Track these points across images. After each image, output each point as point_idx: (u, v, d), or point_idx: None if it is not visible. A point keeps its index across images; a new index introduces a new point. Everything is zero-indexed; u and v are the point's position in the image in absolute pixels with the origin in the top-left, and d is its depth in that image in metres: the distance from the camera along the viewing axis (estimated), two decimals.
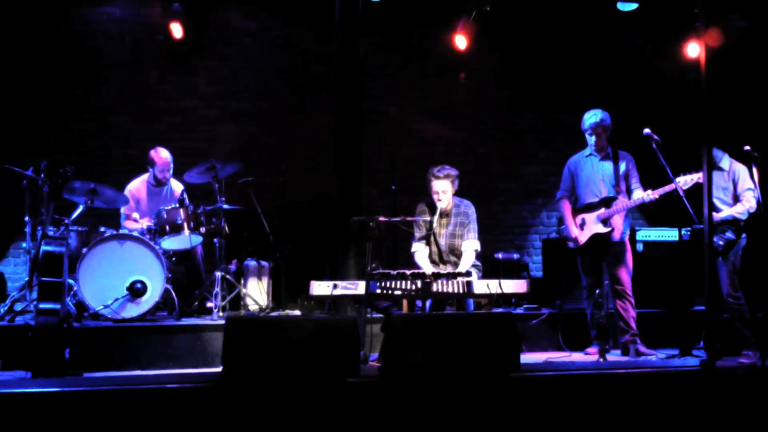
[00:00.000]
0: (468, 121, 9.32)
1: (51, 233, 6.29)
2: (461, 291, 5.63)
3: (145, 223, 7.04)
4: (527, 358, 6.28)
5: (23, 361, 5.48)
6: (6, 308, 6.60)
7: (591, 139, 6.54)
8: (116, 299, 6.29)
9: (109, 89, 8.54)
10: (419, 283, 5.61)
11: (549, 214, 9.49)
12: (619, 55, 9.39)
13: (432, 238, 6.58)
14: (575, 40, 9.28)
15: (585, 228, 6.46)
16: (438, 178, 6.52)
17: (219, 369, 4.79)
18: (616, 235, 6.39)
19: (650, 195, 6.19)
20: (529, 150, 9.46)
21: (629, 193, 6.43)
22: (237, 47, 8.90)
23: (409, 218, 6.44)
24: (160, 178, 7.37)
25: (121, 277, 6.37)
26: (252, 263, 7.39)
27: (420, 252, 6.57)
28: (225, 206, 7.00)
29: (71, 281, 6.27)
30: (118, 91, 8.56)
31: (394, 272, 5.66)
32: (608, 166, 6.52)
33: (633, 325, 6.34)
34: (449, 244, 6.56)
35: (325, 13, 7.57)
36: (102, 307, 6.26)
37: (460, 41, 8.68)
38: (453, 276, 5.66)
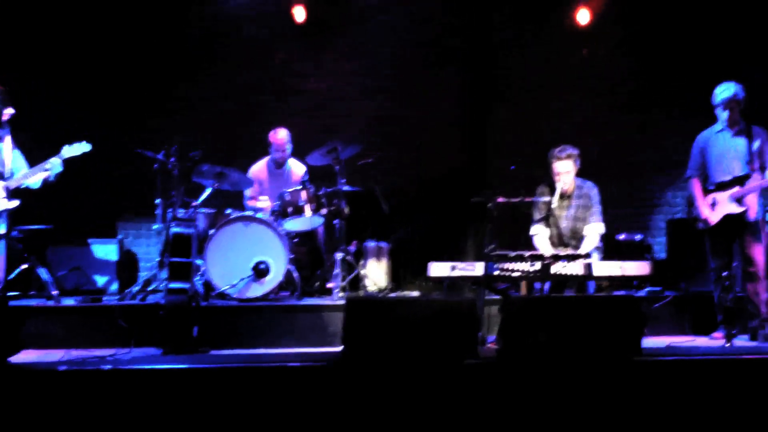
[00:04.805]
0: (596, 95, 9.05)
1: (180, 215, 6.55)
2: (581, 273, 5.53)
3: (268, 203, 7.24)
4: (650, 341, 6.09)
5: (154, 338, 5.76)
6: (138, 288, 6.90)
7: (723, 114, 6.24)
8: (241, 279, 6.49)
9: (241, 69, 8.74)
10: (538, 265, 5.53)
11: (674, 193, 9.14)
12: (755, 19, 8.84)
13: (552, 221, 6.47)
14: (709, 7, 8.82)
15: (716, 208, 6.20)
16: (559, 158, 6.40)
17: (339, 348, 4.88)
18: (751, 215, 6.09)
19: None
20: (655, 127, 9.12)
21: (763, 170, 6.13)
22: (369, 24, 8.88)
23: (528, 199, 6.36)
24: (277, 159, 7.54)
25: (246, 258, 6.55)
26: (371, 244, 7.47)
27: (539, 234, 6.48)
28: (345, 188, 7.08)
29: (199, 262, 6.50)
30: (251, 72, 8.75)
31: (513, 254, 5.60)
32: (741, 142, 6.21)
33: (763, 309, 6.06)
34: (570, 227, 6.44)
35: None
36: (228, 286, 6.47)
37: (587, 13, 8.43)
38: (573, 258, 5.56)
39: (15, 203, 6.31)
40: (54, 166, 6.35)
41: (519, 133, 8.64)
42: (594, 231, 6.37)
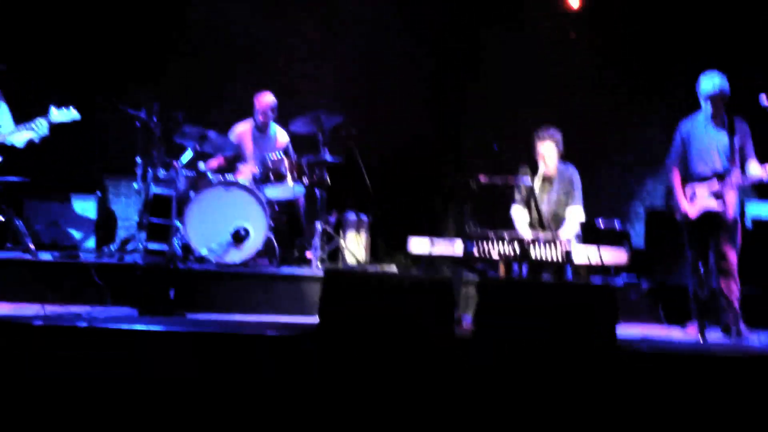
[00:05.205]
0: (575, 82, 9.08)
1: (161, 175, 6.51)
2: (560, 258, 5.56)
3: (250, 169, 7.22)
4: (624, 329, 6.15)
5: (130, 298, 5.75)
6: (116, 246, 6.88)
7: (706, 106, 6.24)
8: (220, 244, 6.47)
9: (217, 36, 8.65)
10: (517, 247, 5.56)
11: (655, 182, 9.23)
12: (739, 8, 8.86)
13: (533, 203, 6.47)
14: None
15: (695, 201, 6.21)
16: (543, 139, 6.40)
17: (316, 319, 4.90)
18: (729, 213, 6.11)
19: None
20: (638, 115, 9.16)
21: (744, 166, 6.16)
22: None
23: (510, 179, 6.37)
24: (258, 122, 7.49)
25: (225, 223, 6.54)
26: (351, 216, 7.48)
27: (519, 216, 6.50)
28: (328, 158, 7.07)
29: (178, 223, 6.48)
30: (225, 38, 8.67)
31: (492, 234, 5.62)
32: (723, 136, 6.18)
33: (736, 305, 6.12)
34: (551, 211, 6.46)
35: None
36: (206, 250, 6.46)
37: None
38: (552, 242, 5.60)
39: None
40: (40, 127, 6.30)
41: (491, 116, 8.65)
42: (574, 215, 6.39)
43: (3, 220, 6.66)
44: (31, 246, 6.54)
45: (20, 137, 6.34)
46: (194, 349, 4.58)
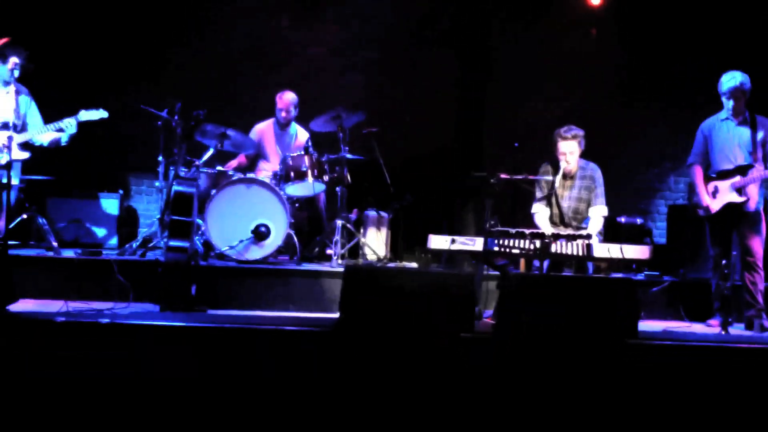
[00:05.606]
0: (595, 80, 9.05)
1: (182, 174, 6.54)
2: (581, 253, 5.53)
3: (271, 167, 7.26)
4: (645, 325, 6.12)
5: (152, 294, 5.79)
6: (138, 243, 6.92)
7: (728, 103, 6.23)
8: (241, 241, 6.50)
9: (238, 36, 8.72)
10: (538, 243, 5.54)
11: (677, 179, 9.17)
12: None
13: (554, 200, 6.47)
14: None
15: (718, 196, 6.21)
16: (565, 138, 6.38)
17: (336, 315, 4.90)
18: (751, 206, 6.11)
19: None
20: (659, 112, 9.11)
21: (766, 161, 6.14)
22: None
23: (531, 176, 6.36)
24: (280, 119, 7.53)
25: (246, 220, 6.56)
26: (372, 213, 7.48)
27: (540, 213, 6.49)
28: (348, 155, 7.10)
29: (199, 221, 6.51)
30: (247, 38, 8.73)
31: (513, 230, 5.61)
32: (745, 131, 6.21)
33: (760, 299, 6.10)
34: (572, 208, 6.43)
35: None
36: (227, 247, 6.49)
37: None
38: (573, 238, 5.57)
39: (26, 155, 6.43)
40: (69, 126, 6.39)
41: (509, 115, 8.64)
42: (598, 213, 6.37)
43: (26, 217, 6.72)
44: (54, 243, 6.60)
45: (48, 137, 6.45)
46: (215, 346, 4.60)
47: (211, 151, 6.84)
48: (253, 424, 4.36)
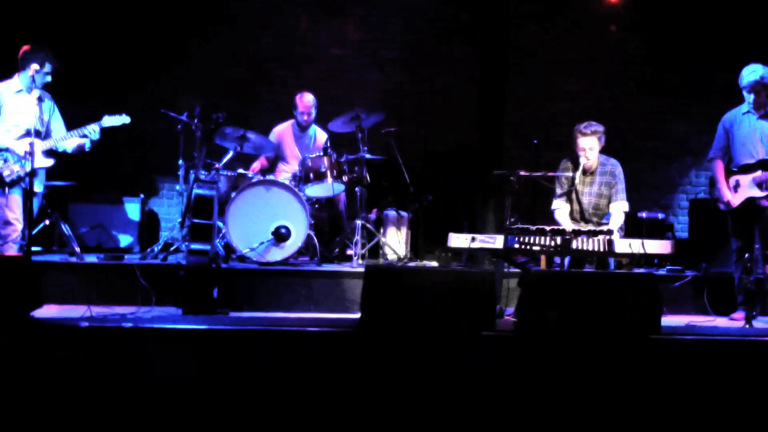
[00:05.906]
0: (615, 75, 9.02)
1: (203, 177, 6.57)
2: (602, 249, 5.50)
3: (290, 168, 7.27)
4: (669, 320, 6.09)
5: (175, 298, 5.82)
6: (159, 247, 6.96)
7: (749, 97, 6.19)
8: (261, 243, 6.52)
9: (261, 35, 8.77)
10: (558, 240, 5.52)
11: (698, 173, 9.12)
12: None
13: (574, 196, 6.45)
14: None
15: (739, 190, 6.16)
16: (585, 134, 6.36)
17: (357, 315, 4.90)
18: None
19: None
20: (680, 106, 9.06)
21: None
22: None
23: (551, 173, 6.34)
24: (301, 122, 7.55)
25: (266, 222, 6.58)
26: (392, 213, 7.49)
27: (561, 209, 6.47)
28: (367, 156, 7.11)
29: (220, 224, 6.54)
30: (268, 38, 8.77)
31: (533, 227, 5.59)
32: (766, 125, 6.17)
33: None
34: (592, 204, 6.41)
35: None
36: (248, 249, 6.51)
37: None
38: (594, 234, 5.54)
39: (50, 162, 6.46)
40: (92, 133, 6.42)
41: (529, 112, 8.62)
42: (619, 209, 6.34)
43: (48, 223, 6.77)
44: (77, 249, 6.65)
45: (72, 143, 6.49)
46: (240, 347, 4.62)
47: (230, 154, 6.87)
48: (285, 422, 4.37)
